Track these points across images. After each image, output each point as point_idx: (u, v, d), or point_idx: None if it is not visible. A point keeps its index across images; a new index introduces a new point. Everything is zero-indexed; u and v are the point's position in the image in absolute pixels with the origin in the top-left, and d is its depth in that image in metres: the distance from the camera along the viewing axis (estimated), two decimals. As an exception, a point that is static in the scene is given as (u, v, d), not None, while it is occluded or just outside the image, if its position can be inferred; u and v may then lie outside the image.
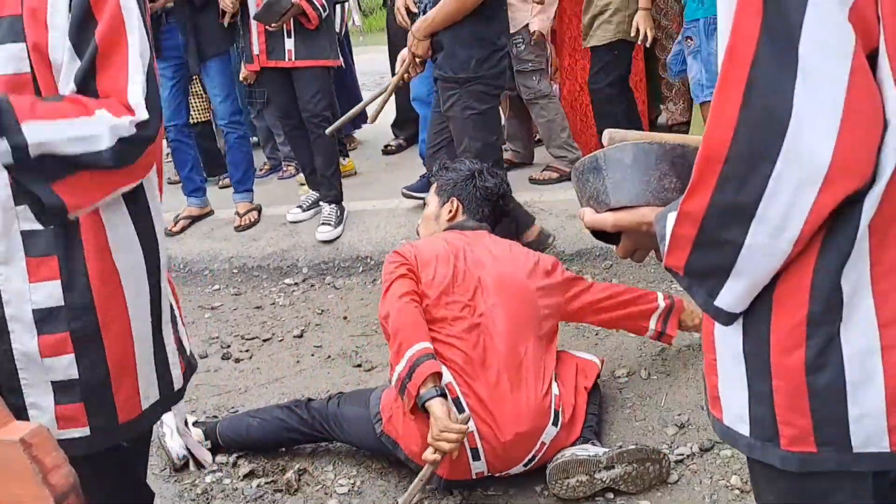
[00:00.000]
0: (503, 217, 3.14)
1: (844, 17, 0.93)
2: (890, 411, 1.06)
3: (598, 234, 1.35)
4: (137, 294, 1.51)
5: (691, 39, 4.23)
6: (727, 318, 1.12)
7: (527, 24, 4.93)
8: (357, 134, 6.95)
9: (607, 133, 1.40)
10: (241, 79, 5.50)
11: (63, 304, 1.43)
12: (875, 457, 1.09)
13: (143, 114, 1.39)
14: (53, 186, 1.32)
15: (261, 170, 6.13)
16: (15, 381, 1.45)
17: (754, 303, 1.10)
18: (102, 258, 1.46)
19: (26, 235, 1.41)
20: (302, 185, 5.43)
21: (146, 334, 1.55)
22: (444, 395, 2.42)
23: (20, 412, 1.45)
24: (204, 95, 5.73)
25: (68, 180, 1.33)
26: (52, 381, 1.46)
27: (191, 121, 5.59)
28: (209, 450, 2.93)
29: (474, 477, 2.58)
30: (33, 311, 1.43)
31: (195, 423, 2.99)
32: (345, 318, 4.09)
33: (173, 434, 2.92)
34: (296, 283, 4.61)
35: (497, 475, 2.61)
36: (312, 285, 4.58)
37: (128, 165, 1.39)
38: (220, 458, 2.92)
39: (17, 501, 0.85)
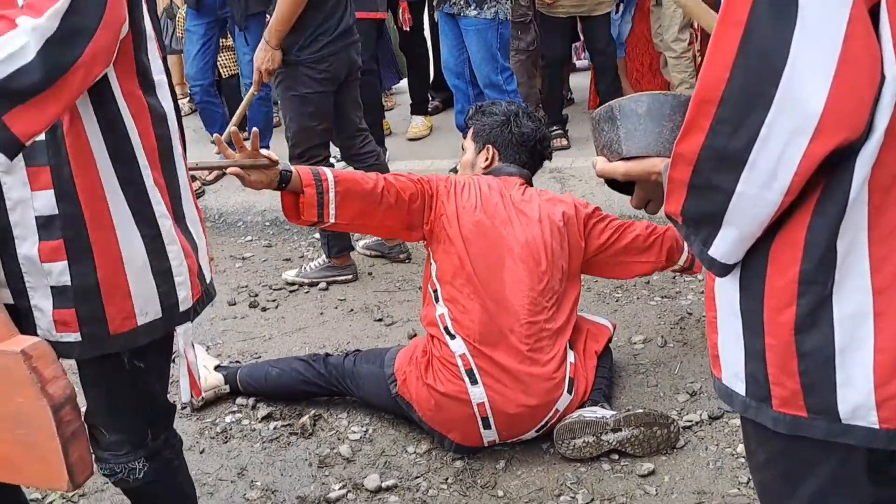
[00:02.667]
0: (542, 161, 3.03)
1: None
2: (878, 384, 1.06)
3: (614, 185, 1.36)
4: (118, 208, 1.55)
5: None
6: (721, 269, 1.13)
7: None
8: (395, 95, 6.97)
9: None
10: None
11: (57, 212, 1.50)
12: (865, 431, 1.08)
13: (64, 2, 1.28)
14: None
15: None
16: (21, 284, 1.53)
17: (752, 257, 1.10)
18: (87, 170, 1.50)
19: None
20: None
21: (136, 248, 1.58)
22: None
23: (27, 314, 1.53)
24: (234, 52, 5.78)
25: (13, 110, 1.28)
26: (50, 286, 1.53)
27: (223, 75, 5.66)
28: (228, 394, 3.04)
29: (486, 445, 2.62)
30: (35, 217, 1.50)
31: (217, 368, 3.08)
32: (369, 273, 4.16)
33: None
34: (325, 238, 4.68)
35: (509, 442, 2.66)
36: (341, 240, 4.64)
37: (64, 69, 1.29)
38: (240, 401, 3.01)
39: (18, 409, 0.91)
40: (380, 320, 3.64)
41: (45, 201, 1.50)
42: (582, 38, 5.57)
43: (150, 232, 1.60)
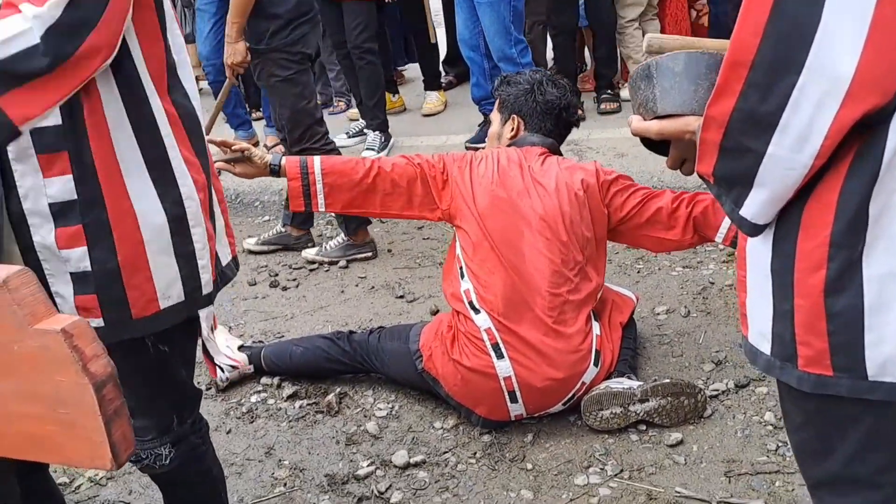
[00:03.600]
0: (569, 129, 2.99)
1: None
2: None
3: (650, 145, 1.35)
4: (142, 191, 1.53)
5: None
6: (751, 229, 1.13)
7: None
8: (407, 72, 6.95)
9: (647, 38, 1.41)
10: None
11: (76, 197, 1.49)
12: (891, 387, 1.09)
13: None
14: None
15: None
16: (40, 272, 1.52)
17: (784, 219, 1.10)
18: (108, 154, 1.49)
19: (35, 133, 1.45)
20: (352, 120, 5.51)
21: (158, 231, 1.56)
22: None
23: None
24: None
25: (10, 93, 1.27)
26: (70, 273, 1.52)
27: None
28: (252, 374, 3.05)
29: (513, 419, 2.63)
30: (49, 204, 1.49)
31: (240, 348, 3.09)
32: (389, 251, 4.16)
33: (219, 356, 3.02)
34: (343, 216, 4.68)
35: (536, 416, 2.65)
36: (359, 218, 4.64)
37: (65, 57, 1.30)
38: (265, 380, 3.03)
39: (58, 388, 0.91)
40: (401, 297, 3.64)
41: (61, 187, 1.48)
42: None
43: (175, 213, 1.58)
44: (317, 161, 2.67)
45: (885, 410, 1.16)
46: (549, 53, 5.69)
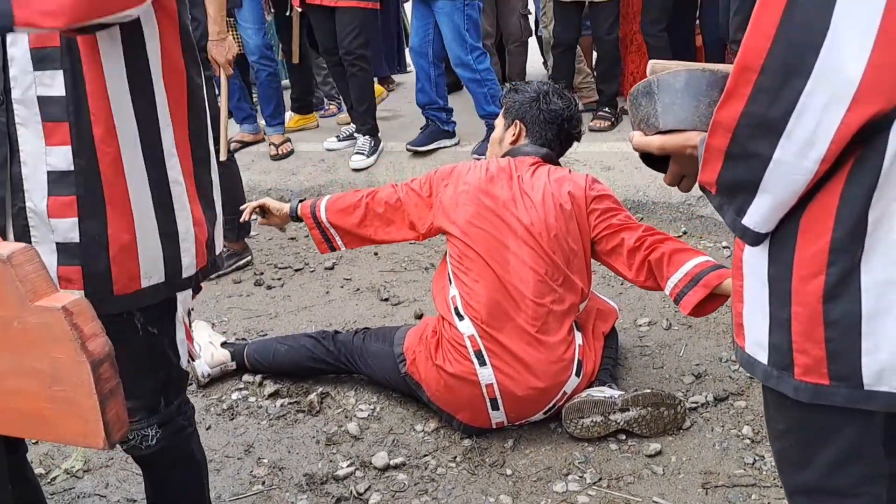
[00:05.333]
0: (571, 141, 2.98)
1: None
2: None
3: (649, 161, 1.37)
4: (134, 169, 1.55)
5: None
6: (754, 238, 1.14)
7: None
8: (398, 77, 6.98)
9: (651, 64, 1.43)
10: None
11: (73, 168, 1.50)
12: (887, 396, 1.09)
13: None
14: None
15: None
16: (27, 238, 1.53)
17: (782, 227, 1.11)
18: (108, 129, 1.50)
19: (42, 101, 1.47)
20: (342, 124, 5.53)
21: (147, 210, 1.58)
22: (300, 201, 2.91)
23: None
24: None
25: None
26: (56, 242, 1.53)
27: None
28: (234, 371, 3.05)
29: (494, 426, 2.64)
30: (48, 172, 1.50)
31: (223, 344, 3.09)
32: (375, 254, 4.17)
33: (201, 352, 3.02)
34: (330, 218, 4.68)
35: (517, 424, 2.67)
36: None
37: None
38: (246, 378, 3.02)
39: (54, 365, 0.92)
40: (386, 300, 3.65)
41: (61, 157, 1.50)
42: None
43: (160, 195, 1.60)
44: (322, 208, 2.85)
45: (868, 421, 1.17)
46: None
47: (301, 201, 2.92)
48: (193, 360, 2.80)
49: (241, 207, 2.97)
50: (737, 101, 1.04)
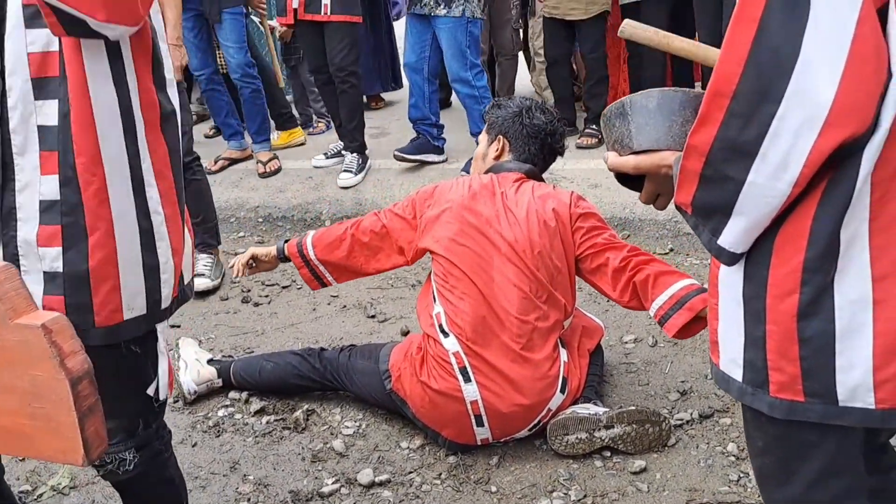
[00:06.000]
0: (554, 156, 2.99)
1: None
2: (877, 366, 1.09)
3: (624, 181, 1.39)
4: (120, 200, 1.56)
5: None
6: (729, 258, 1.16)
7: None
8: (387, 95, 7.00)
9: (623, 24, 1.45)
10: (278, 37, 5.69)
11: (59, 198, 1.51)
12: (861, 412, 1.11)
13: None
14: None
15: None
16: (16, 266, 1.52)
17: (757, 247, 1.13)
18: (91, 158, 1.51)
19: (41, 130, 1.49)
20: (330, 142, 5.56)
21: (132, 242, 1.59)
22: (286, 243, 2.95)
23: None
24: None
25: None
26: (43, 272, 1.55)
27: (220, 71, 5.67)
28: (220, 388, 3.05)
29: (479, 443, 2.64)
30: (40, 201, 1.52)
31: (210, 361, 3.08)
32: (363, 271, 4.17)
33: (188, 369, 3.01)
34: (318, 235, 4.69)
35: (502, 440, 2.67)
36: (334, 238, 4.66)
37: None
38: (233, 395, 3.02)
39: (34, 382, 0.92)
40: (373, 317, 3.65)
41: (51, 186, 1.51)
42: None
43: (145, 225, 1.61)
44: (310, 246, 2.88)
45: (846, 437, 1.19)
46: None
47: (286, 241, 2.94)
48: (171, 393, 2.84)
49: (230, 264, 3.00)
50: (710, 125, 1.06)
